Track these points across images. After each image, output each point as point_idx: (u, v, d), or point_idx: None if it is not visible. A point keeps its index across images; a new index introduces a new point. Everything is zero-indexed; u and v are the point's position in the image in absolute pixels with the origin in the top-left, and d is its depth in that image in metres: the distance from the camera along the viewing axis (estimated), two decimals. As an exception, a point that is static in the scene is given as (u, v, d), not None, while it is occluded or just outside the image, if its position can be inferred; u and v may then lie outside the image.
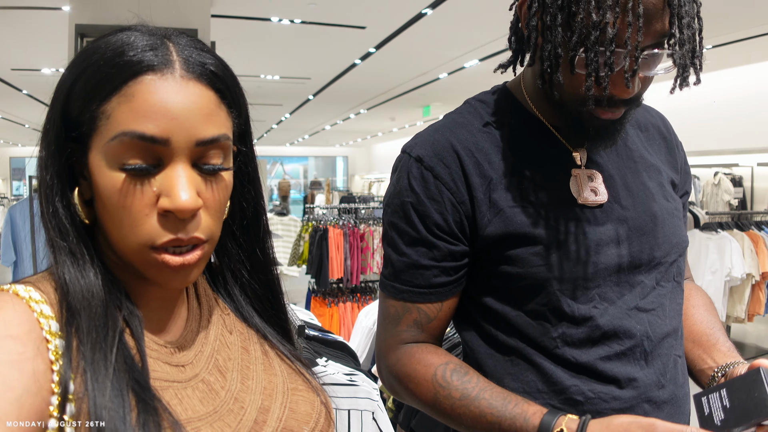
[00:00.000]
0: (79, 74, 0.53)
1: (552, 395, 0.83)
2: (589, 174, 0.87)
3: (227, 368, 0.62)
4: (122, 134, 0.51)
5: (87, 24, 3.44)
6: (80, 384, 0.49)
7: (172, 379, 0.57)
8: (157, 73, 0.52)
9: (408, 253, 0.87)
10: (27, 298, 0.51)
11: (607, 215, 0.85)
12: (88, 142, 0.54)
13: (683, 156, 1.01)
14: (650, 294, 0.86)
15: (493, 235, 0.84)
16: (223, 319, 0.67)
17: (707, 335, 0.93)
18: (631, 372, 0.82)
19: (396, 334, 0.90)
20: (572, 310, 0.82)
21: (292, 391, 0.65)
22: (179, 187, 0.52)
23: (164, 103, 0.52)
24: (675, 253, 0.89)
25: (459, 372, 0.84)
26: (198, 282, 0.68)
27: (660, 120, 1.01)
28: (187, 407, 0.55)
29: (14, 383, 0.45)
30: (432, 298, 0.88)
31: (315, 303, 4.24)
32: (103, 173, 0.52)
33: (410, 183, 0.86)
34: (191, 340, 0.62)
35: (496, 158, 0.86)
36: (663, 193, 0.91)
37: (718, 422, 0.69)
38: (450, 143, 0.86)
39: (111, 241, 0.56)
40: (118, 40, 0.54)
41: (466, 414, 0.81)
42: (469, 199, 0.85)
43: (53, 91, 0.56)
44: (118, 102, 0.51)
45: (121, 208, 0.52)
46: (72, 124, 0.54)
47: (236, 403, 0.60)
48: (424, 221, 0.85)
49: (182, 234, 0.53)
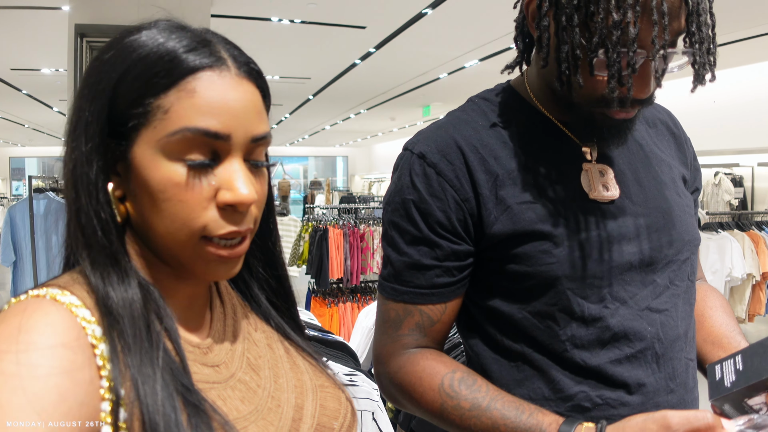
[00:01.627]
0: (127, 68, 0.53)
1: (558, 402, 0.81)
2: (600, 169, 0.85)
3: (259, 366, 0.62)
4: (186, 129, 0.52)
5: (87, 24, 3.44)
6: (129, 388, 0.48)
7: (213, 380, 0.56)
8: (215, 70, 0.53)
9: (409, 252, 0.84)
10: (67, 303, 0.50)
11: (620, 211, 0.83)
12: (135, 136, 0.53)
13: (692, 152, 0.99)
14: (663, 294, 0.83)
15: (501, 233, 0.81)
16: (247, 317, 0.67)
17: (728, 337, 0.90)
18: (641, 376, 0.80)
19: (397, 338, 0.86)
20: (582, 309, 0.79)
21: (320, 387, 0.65)
22: (240, 181, 0.54)
23: (226, 100, 0.53)
24: (687, 250, 0.87)
25: (467, 381, 0.80)
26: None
27: (668, 116, 0.99)
28: (232, 407, 0.55)
29: (68, 394, 0.45)
30: (435, 300, 0.84)
31: (315, 303, 4.24)
32: (158, 167, 0.52)
33: (412, 180, 0.84)
34: (220, 339, 0.61)
35: (502, 154, 0.84)
36: (675, 188, 0.89)
37: (728, 384, 0.68)
38: (454, 140, 0.84)
39: (154, 236, 0.55)
40: (162, 35, 0.54)
41: (477, 425, 0.77)
42: (473, 197, 0.82)
43: (87, 86, 0.54)
44: (177, 97, 0.52)
45: (179, 202, 0.53)
46: (118, 118, 0.53)
47: (273, 401, 0.59)
48: (426, 219, 0.82)
49: (239, 226, 0.55)
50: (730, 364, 0.70)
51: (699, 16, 0.71)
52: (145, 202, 0.54)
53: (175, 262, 0.56)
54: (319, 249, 4.28)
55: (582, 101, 0.79)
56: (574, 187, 0.84)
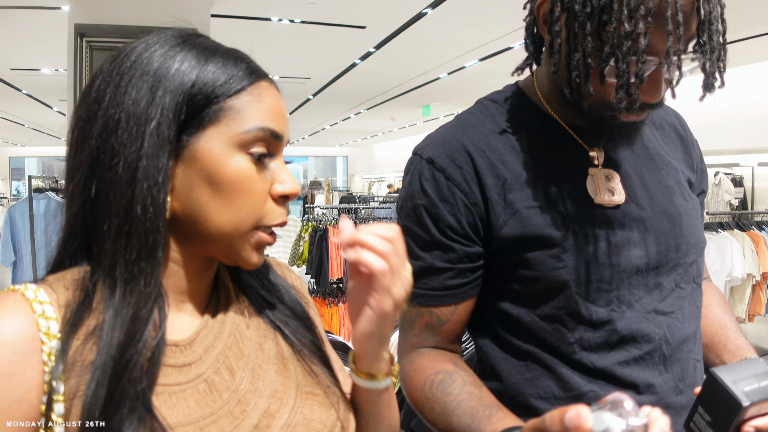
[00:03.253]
0: (205, 68, 0.58)
1: (569, 401, 0.81)
2: (606, 174, 0.85)
3: (238, 366, 0.62)
4: (260, 128, 0.58)
5: (87, 24, 3.43)
6: (74, 385, 0.51)
7: (170, 383, 0.56)
8: (267, 81, 0.62)
9: (423, 256, 0.85)
10: (32, 299, 0.53)
11: (625, 216, 0.83)
12: (201, 132, 0.57)
13: (699, 154, 0.99)
14: (669, 296, 0.84)
15: (510, 236, 0.82)
16: (242, 312, 0.67)
17: (718, 335, 0.92)
18: (649, 377, 0.81)
19: (409, 338, 0.90)
20: (590, 313, 0.80)
21: (307, 395, 0.64)
22: (289, 176, 0.61)
23: (281, 107, 0.62)
24: (693, 253, 0.87)
25: (444, 383, 0.82)
26: (221, 274, 0.68)
27: (676, 118, 0.99)
28: (179, 411, 0.55)
29: (3, 393, 0.49)
30: (447, 301, 0.86)
31: (315, 303, 4.22)
32: (230, 160, 0.57)
33: (422, 185, 0.85)
34: (205, 335, 0.62)
35: (510, 158, 0.84)
36: (681, 191, 0.89)
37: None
38: (462, 144, 0.85)
39: (209, 227, 0.58)
40: (211, 41, 0.61)
41: (443, 429, 0.81)
42: (482, 200, 0.83)
43: (155, 80, 0.56)
44: (247, 100, 0.58)
45: (248, 193, 0.58)
46: (188, 114, 0.57)
47: (239, 406, 0.59)
48: (438, 224, 0.84)
49: (285, 217, 0.62)
50: (699, 419, 0.70)
51: (711, 24, 0.70)
52: (208, 194, 0.57)
53: (220, 252, 0.61)
54: (319, 249, 4.28)
55: (592, 106, 0.79)
56: (581, 191, 0.84)
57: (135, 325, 0.53)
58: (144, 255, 0.55)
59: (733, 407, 0.65)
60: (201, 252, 0.61)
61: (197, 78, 0.57)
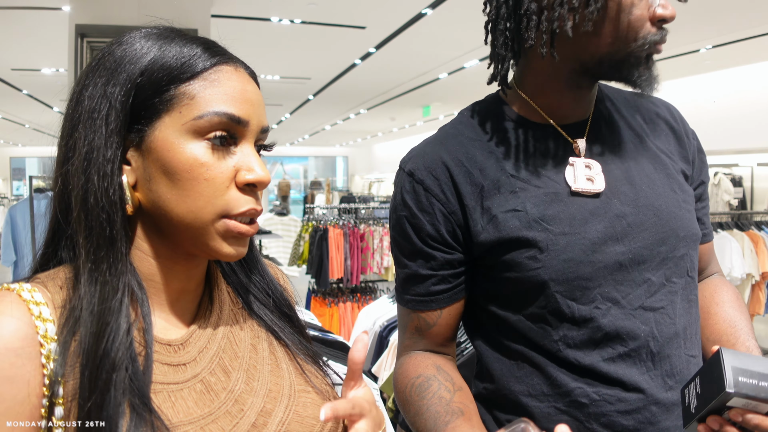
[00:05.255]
0: (153, 59, 0.57)
1: (557, 398, 0.82)
2: (586, 164, 0.86)
3: (233, 367, 0.62)
4: (213, 113, 0.57)
5: (87, 24, 3.44)
6: (73, 386, 0.51)
7: (168, 381, 0.57)
8: (231, 65, 0.60)
9: (408, 264, 0.90)
10: (29, 300, 0.53)
11: (606, 211, 0.84)
12: (156, 122, 0.57)
13: (695, 144, 0.98)
14: (659, 292, 0.84)
15: (488, 241, 0.84)
16: (235, 314, 0.68)
17: (727, 335, 0.90)
18: (636, 374, 0.81)
19: (403, 341, 0.95)
20: (572, 311, 0.81)
21: (300, 393, 0.65)
22: (258, 163, 0.59)
23: (245, 91, 0.60)
24: (684, 246, 0.86)
25: (421, 387, 0.86)
26: (213, 274, 0.69)
27: (667, 111, 0.98)
28: (180, 410, 0.56)
29: (5, 395, 0.49)
30: (433, 306, 0.90)
31: (315, 303, 4.24)
32: (184, 148, 0.56)
33: (403, 197, 0.89)
34: (197, 337, 0.62)
35: (488, 164, 0.86)
36: (670, 184, 0.89)
37: (692, 409, 0.69)
38: (439, 156, 0.88)
39: (172, 218, 0.57)
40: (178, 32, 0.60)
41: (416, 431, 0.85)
42: (460, 209, 0.86)
43: (106, 75, 0.57)
44: (201, 86, 0.57)
45: (204, 181, 0.57)
46: (140, 105, 0.57)
47: (236, 405, 0.60)
48: (419, 233, 0.88)
49: (256, 205, 0.60)
50: (692, 387, 0.71)
51: None
52: (165, 184, 0.57)
53: (190, 245, 0.59)
54: (319, 249, 4.28)
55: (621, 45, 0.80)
56: (561, 187, 0.85)
57: (106, 316, 0.53)
58: (104, 245, 0.55)
59: (718, 389, 0.65)
60: (177, 246, 0.60)
61: (146, 67, 0.57)
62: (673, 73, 7.08)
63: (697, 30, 5.29)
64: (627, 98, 0.97)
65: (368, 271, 4.45)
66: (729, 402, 0.65)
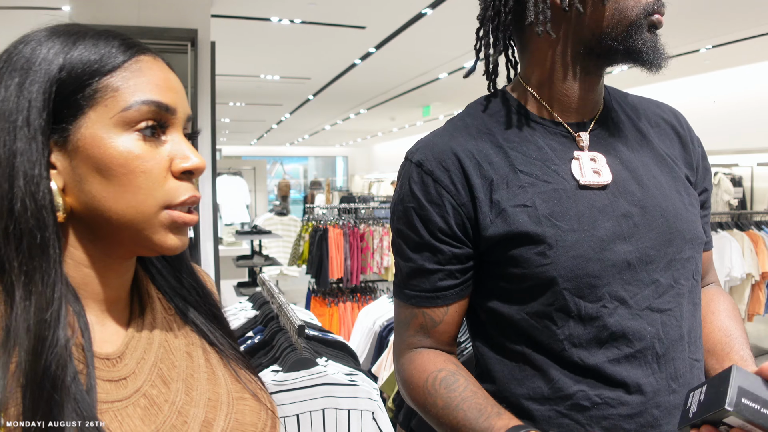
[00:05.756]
0: (70, 55, 0.55)
1: (558, 401, 0.81)
2: (591, 156, 0.86)
3: (171, 378, 0.61)
4: (141, 102, 0.55)
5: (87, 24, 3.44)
6: (16, 410, 0.47)
7: (112, 399, 0.55)
8: (149, 55, 0.59)
9: (414, 258, 0.87)
10: None
11: (613, 210, 0.83)
12: (81, 119, 0.54)
13: (700, 152, 0.98)
14: (667, 293, 0.83)
15: (496, 235, 0.83)
16: (168, 321, 0.66)
17: (722, 343, 0.90)
18: (640, 376, 0.80)
19: (405, 338, 0.91)
20: (579, 308, 0.80)
21: (237, 400, 0.65)
22: (191, 150, 0.58)
23: (168, 79, 0.59)
24: (690, 249, 0.86)
25: (447, 380, 0.84)
26: (142, 281, 0.67)
27: (673, 116, 0.99)
28: (128, 429, 0.54)
29: None
30: (438, 302, 0.88)
31: (315, 303, 4.24)
32: (115, 142, 0.54)
33: (411, 188, 0.87)
34: (133, 348, 0.60)
35: (496, 158, 0.86)
36: (675, 186, 0.89)
37: (690, 414, 0.69)
38: (449, 146, 0.87)
39: (110, 217, 0.55)
40: (92, 29, 0.59)
41: (447, 424, 0.81)
42: (470, 201, 0.84)
43: (20, 74, 0.54)
44: (123, 77, 0.56)
45: (142, 173, 0.55)
46: (61, 103, 0.54)
47: (179, 418, 0.58)
48: (427, 225, 0.85)
49: (195, 192, 0.59)
50: (697, 393, 0.71)
51: None
52: (100, 183, 0.54)
53: (132, 243, 0.58)
54: (319, 249, 4.28)
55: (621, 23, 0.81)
56: (567, 180, 0.84)
57: (42, 330, 0.49)
58: (35, 254, 0.51)
59: (718, 403, 0.65)
60: (114, 250, 0.58)
61: (65, 62, 0.54)
62: (673, 73, 7.08)
63: (697, 30, 5.29)
64: (634, 102, 0.97)
65: (368, 271, 4.45)
66: (726, 419, 0.65)
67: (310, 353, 1.44)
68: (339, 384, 1.37)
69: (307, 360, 1.39)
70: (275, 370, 1.38)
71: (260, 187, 9.41)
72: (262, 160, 10.68)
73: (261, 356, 1.53)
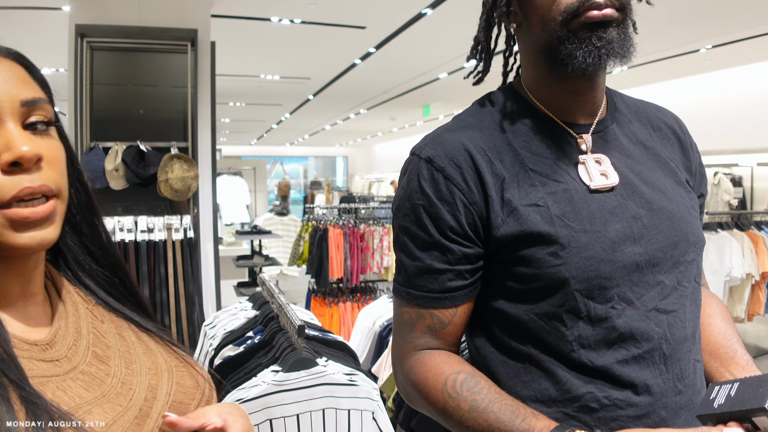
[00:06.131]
0: None
1: (566, 403, 0.81)
2: (596, 159, 0.86)
3: (108, 357, 0.63)
4: None
5: (87, 24, 3.44)
6: None
7: (51, 374, 0.56)
8: None
9: (421, 257, 0.85)
10: None
11: (623, 212, 0.83)
12: None
13: (698, 158, 0.99)
14: (671, 295, 0.83)
15: (507, 235, 0.81)
16: (91, 311, 0.67)
17: (725, 347, 0.90)
18: (648, 376, 0.80)
19: (410, 340, 0.88)
20: (589, 309, 0.80)
21: (175, 368, 0.69)
22: (17, 140, 0.54)
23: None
24: (693, 251, 0.87)
25: (469, 382, 0.81)
26: (56, 279, 0.67)
27: (674, 120, 0.99)
28: (73, 395, 0.56)
29: None
30: (447, 303, 0.85)
31: (315, 303, 4.24)
32: None
33: (420, 185, 0.84)
34: (62, 336, 0.61)
35: (507, 156, 0.84)
36: (678, 189, 0.89)
37: (716, 405, 0.70)
38: (461, 143, 0.84)
39: None
40: None
41: (474, 427, 0.78)
42: (482, 199, 0.82)
43: None
44: None
45: None
46: None
47: (124, 386, 0.61)
48: (437, 224, 0.83)
49: (29, 183, 0.54)
50: (726, 388, 0.71)
51: None
52: None
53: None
54: (319, 249, 4.28)
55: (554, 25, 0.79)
56: (576, 182, 0.84)
57: None
58: None
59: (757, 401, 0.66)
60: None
61: None
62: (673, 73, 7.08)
63: (697, 30, 5.29)
64: (636, 105, 0.98)
65: (368, 271, 4.45)
66: (755, 417, 0.67)
67: (310, 353, 1.44)
68: (339, 384, 1.37)
69: (307, 360, 1.39)
70: (275, 370, 1.38)
71: (260, 187, 9.41)
72: (262, 160, 10.68)
73: (261, 356, 1.53)
